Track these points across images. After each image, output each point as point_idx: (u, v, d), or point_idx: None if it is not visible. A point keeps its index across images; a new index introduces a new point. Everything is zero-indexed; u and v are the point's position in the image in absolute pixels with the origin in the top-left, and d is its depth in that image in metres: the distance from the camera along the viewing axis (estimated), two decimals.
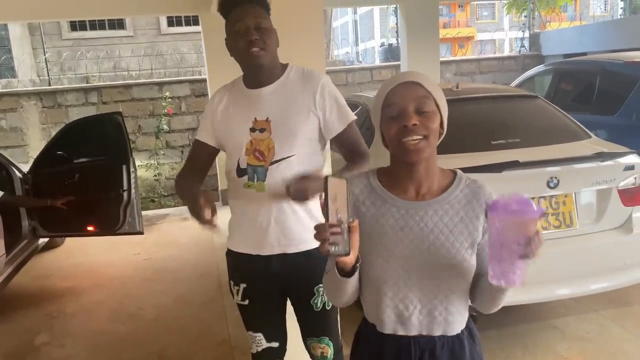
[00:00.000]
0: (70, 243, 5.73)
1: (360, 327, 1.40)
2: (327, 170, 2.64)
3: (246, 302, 1.91)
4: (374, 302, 1.28)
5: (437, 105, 1.22)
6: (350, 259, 1.14)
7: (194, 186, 1.80)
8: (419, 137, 1.17)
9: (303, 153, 1.75)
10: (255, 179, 1.75)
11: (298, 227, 1.79)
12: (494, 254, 1.09)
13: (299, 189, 1.60)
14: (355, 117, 1.83)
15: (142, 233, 4.22)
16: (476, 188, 1.28)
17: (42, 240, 5.17)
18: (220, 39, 1.82)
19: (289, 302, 1.98)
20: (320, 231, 1.08)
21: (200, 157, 1.90)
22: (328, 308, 1.89)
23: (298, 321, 1.96)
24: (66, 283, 4.55)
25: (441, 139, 1.26)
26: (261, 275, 1.84)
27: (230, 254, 1.93)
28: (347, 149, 1.84)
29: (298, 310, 1.93)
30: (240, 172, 1.78)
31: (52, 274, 4.81)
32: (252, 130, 1.73)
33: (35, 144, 8.59)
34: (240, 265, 1.89)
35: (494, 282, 1.10)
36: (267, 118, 1.72)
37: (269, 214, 1.77)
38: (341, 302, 1.31)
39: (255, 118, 1.74)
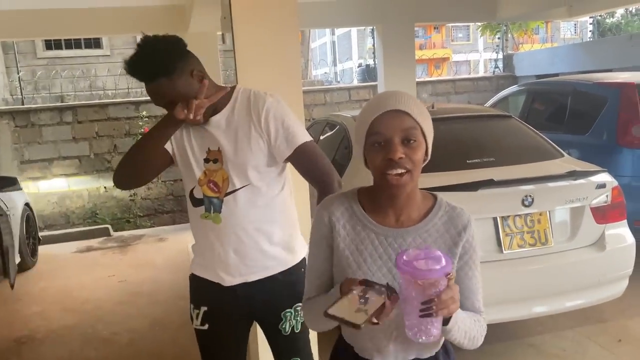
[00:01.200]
0: (42, 266, 5.58)
1: (336, 347, 1.38)
2: (304, 192, 2.62)
3: (205, 326, 1.82)
4: (351, 332, 1.27)
5: (424, 134, 1.19)
6: None
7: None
8: (403, 170, 1.16)
9: (258, 181, 1.70)
10: (212, 211, 1.72)
11: (259, 256, 1.74)
12: (403, 308, 1.08)
13: None
14: (308, 139, 1.73)
15: (12, 287, 3.89)
16: (455, 215, 1.27)
17: None
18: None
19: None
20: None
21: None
22: (297, 331, 1.83)
23: (269, 345, 1.91)
24: (36, 307, 4.41)
25: (424, 164, 1.24)
26: (225, 299, 1.78)
27: (193, 278, 1.87)
28: (304, 175, 1.77)
29: (268, 335, 1.89)
30: (196, 202, 1.74)
31: (21, 298, 4.66)
32: (206, 160, 1.70)
33: (7, 164, 8.40)
34: (203, 289, 1.83)
35: (408, 334, 1.09)
36: (219, 148, 1.69)
37: (227, 246, 1.72)
38: (321, 330, 1.29)
39: (208, 148, 1.70)
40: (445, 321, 1.10)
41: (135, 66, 1.59)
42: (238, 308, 1.79)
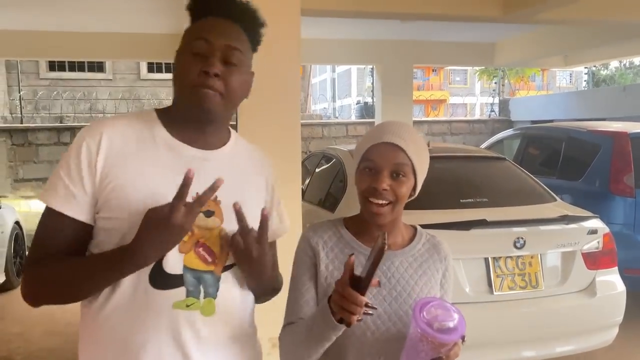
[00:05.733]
0: None
1: None
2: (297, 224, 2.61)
3: None
4: (336, 357, 1.25)
5: (414, 172, 1.23)
6: None
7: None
8: (385, 201, 1.20)
9: None
10: (202, 295, 1.09)
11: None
12: (407, 354, 1.11)
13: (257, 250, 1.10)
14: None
15: None
16: (436, 243, 1.34)
17: None
18: None
19: None
20: (355, 304, 1.00)
21: (64, 240, 1.08)
22: None
23: None
24: (17, 328, 4.32)
25: (410, 199, 1.28)
26: None
27: None
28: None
29: None
30: (167, 280, 1.06)
31: (3, 318, 4.57)
32: None
33: (1, 181, 8.37)
34: None
35: None
36: (216, 197, 1.09)
37: (209, 354, 1.12)
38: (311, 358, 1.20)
39: (197, 194, 1.03)
40: None
41: None
42: None
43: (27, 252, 5.88)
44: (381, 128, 1.26)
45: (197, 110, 1.10)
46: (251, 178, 1.23)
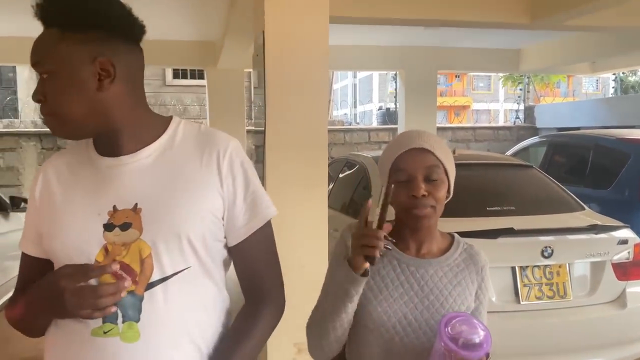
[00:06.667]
0: None
1: None
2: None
3: None
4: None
5: (446, 173, 1.24)
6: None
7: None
8: (427, 208, 1.20)
9: (205, 262, 1.06)
10: (120, 319, 0.99)
11: None
12: None
13: None
14: (275, 213, 1.15)
15: None
16: (473, 253, 1.32)
17: None
18: (224, 94, 1.84)
19: None
20: (376, 238, 1.08)
21: (32, 276, 1.09)
22: None
23: None
24: None
25: (446, 201, 1.27)
26: None
27: None
28: (248, 273, 1.14)
29: None
30: None
31: None
32: (109, 227, 1.01)
33: (30, 185, 8.58)
34: None
35: None
36: (136, 205, 1.02)
37: None
38: (336, 335, 1.19)
39: (114, 206, 1.02)
40: None
41: None
42: None
43: None
44: (403, 137, 1.26)
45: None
46: (194, 169, 1.07)
